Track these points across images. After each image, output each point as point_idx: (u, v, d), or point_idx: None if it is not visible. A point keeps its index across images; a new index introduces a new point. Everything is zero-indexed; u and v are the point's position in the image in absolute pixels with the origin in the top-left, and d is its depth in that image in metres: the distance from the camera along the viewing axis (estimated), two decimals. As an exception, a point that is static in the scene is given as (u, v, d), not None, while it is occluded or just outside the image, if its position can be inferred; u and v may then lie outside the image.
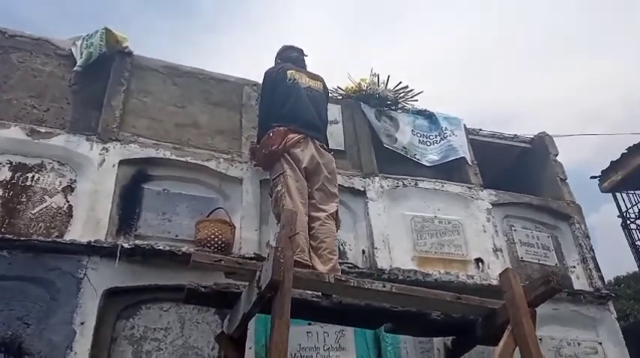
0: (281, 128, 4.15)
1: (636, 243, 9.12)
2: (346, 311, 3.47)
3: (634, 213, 9.31)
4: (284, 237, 2.92)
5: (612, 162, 9.14)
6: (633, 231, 9.19)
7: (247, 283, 3.25)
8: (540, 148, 6.49)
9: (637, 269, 9.65)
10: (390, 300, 3.37)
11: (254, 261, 3.47)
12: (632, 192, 9.41)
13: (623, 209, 9.36)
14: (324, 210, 3.99)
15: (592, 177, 9.65)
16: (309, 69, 4.78)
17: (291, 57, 4.73)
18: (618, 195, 9.49)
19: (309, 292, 3.40)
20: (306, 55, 4.83)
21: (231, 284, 3.38)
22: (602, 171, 9.39)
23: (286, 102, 4.30)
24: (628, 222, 9.25)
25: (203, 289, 3.32)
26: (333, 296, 3.44)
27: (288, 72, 4.46)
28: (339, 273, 3.66)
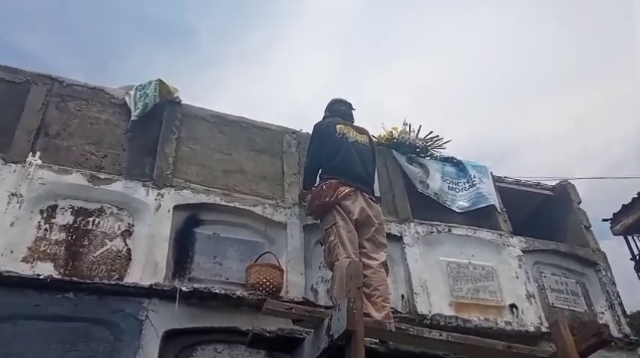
0: (333, 181, 4.39)
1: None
2: (401, 358, 3.65)
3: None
4: (353, 288, 3.12)
5: (624, 206, 9.37)
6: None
7: (311, 330, 3.45)
8: (563, 195, 6.71)
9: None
10: (445, 348, 3.56)
11: (321, 310, 3.66)
12: (645, 235, 9.62)
13: (636, 252, 9.54)
14: (375, 259, 4.19)
15: (604, 220, 9.90)
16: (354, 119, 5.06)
17: (339, 110, 5.00)
18: (630, 238, 9.71)
19: (367, 339, 3.59)
20: (354, 109, 5.09)
21: (295, 330, 3.57)
22: (614, 214, 9.61)
23: (336, 155, 4.55)
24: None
25: (268, 334, 3.51)
26: (390, 342, 3.62)
27: (337, 126, 4.73)
28: (392, 320, 3.84)
